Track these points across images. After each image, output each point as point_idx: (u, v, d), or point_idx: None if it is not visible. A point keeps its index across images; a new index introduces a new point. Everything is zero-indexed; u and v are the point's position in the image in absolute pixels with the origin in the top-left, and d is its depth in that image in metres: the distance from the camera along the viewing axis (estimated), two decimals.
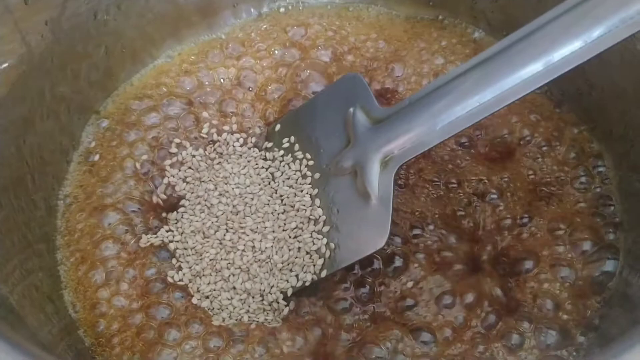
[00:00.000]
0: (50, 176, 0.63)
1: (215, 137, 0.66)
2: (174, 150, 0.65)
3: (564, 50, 0.46)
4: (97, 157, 0.66)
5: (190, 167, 0.64)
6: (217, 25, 0.74)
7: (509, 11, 0.69)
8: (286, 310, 0.57)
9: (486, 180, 0.62)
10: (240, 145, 0.66)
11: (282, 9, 0.76)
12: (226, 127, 0.67)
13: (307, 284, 0.56)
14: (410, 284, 0.57)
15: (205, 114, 0.67)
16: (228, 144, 0.66)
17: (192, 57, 0.72)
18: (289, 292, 0.56)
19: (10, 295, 0.50)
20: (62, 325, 0.55)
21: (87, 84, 0.67)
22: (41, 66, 0.60)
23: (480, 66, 0.50)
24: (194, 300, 0.57)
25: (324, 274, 0.56)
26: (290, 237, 0.58)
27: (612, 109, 0.61)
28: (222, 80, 0.70)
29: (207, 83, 0.70)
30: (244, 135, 0.66)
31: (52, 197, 0.63)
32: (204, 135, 0.66)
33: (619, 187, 0.61)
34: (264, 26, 0.74)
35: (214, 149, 0.66)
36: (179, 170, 0.64)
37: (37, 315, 0.52)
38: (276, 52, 0.72)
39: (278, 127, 0.65)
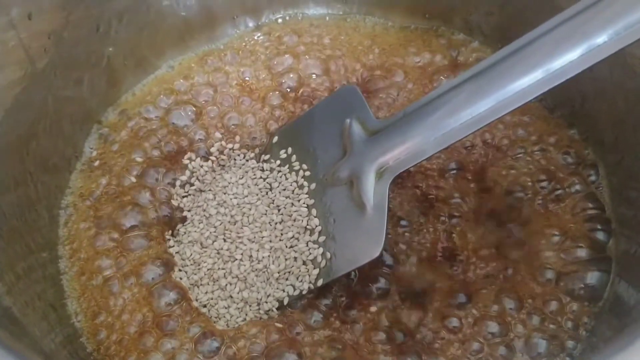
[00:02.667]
0: (53, 186, 0.63)
1: (218, 151, 0.67)
2: (178, 160, 0.66)
3: (559, 62, 0.46)
4: (98, 167, 0.66)
5: (198, 179, 0.65)
6: (217, 36, 0.76)
7: (504, 24, 0.69)
8: (276, 317, 0.57)
9: (475, 187, 0.63)
10: (241, 159, 0.67)
11: (280, 20, 0.77)
12: (229, 144, 0.67)
13: (303, 292, 0.57)
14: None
15: (208, 125, 0.68)
16: (230, 157, 0.67)
17: (193, 65, 0.73)
18: (286, 301, 0.57)
19: (13, 306, 0.50)
20: (65, 334, 0.56)
21: (90, 95, 0.68)
22: (44, 78, 0.60)
23: (474, 78, 0.51)
24: (195, 304, 0.58)
25: (319, 283, 0.56)
26: (286, 246, 0.59)
27: (603, 120, 0.62)
28: (222, 90, 0.71)
29: (206, 93, 0.71)
30: (244, 150, 0.67)
31: (55, 207, 0.63)
32: (214, 153, 0.67)
33: (612, 196, 0.61)
34: (260, 35, 0.75)
35: (218, 163, 0.67)
36: (186, 184, 0.65)
37: (40, 325, 0.53)
38: (270, 59, 0.73)
39: (276, 139, 0.66)
